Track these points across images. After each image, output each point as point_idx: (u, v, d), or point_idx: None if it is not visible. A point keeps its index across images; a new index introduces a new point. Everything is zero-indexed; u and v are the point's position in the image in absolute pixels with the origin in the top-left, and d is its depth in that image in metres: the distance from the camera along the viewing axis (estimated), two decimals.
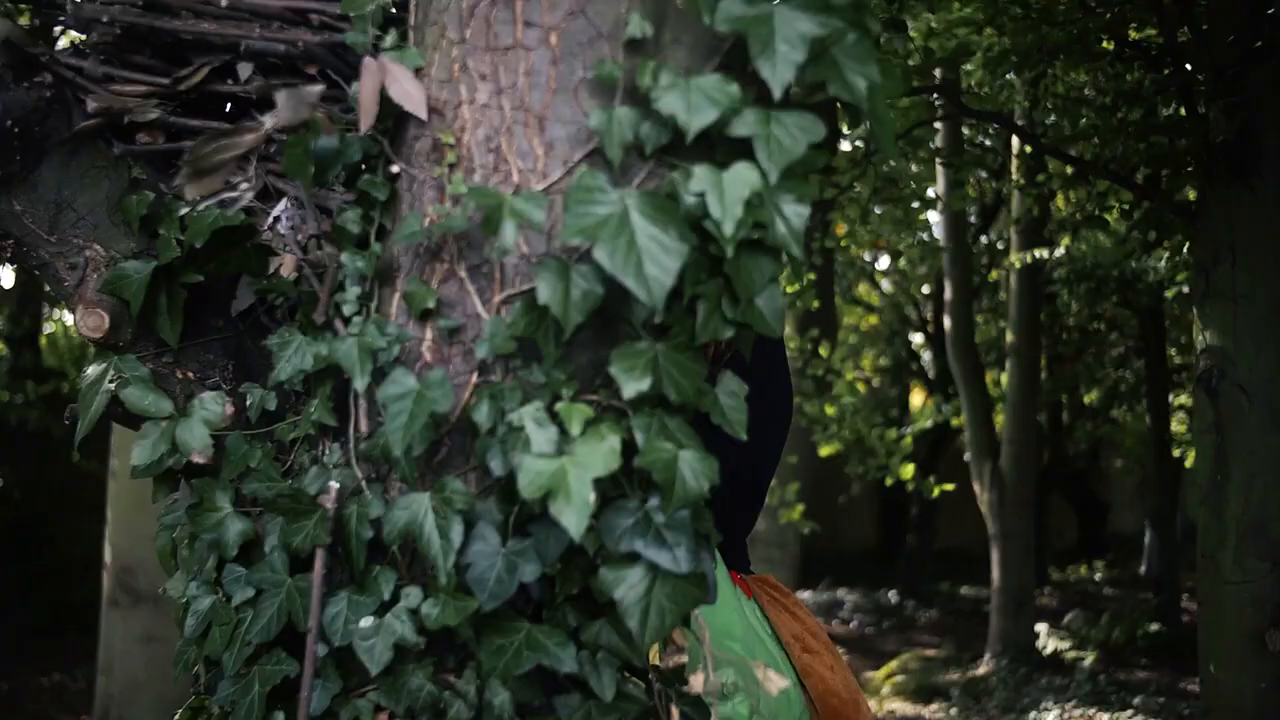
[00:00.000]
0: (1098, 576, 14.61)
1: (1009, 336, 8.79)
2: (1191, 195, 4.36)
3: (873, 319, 13.76)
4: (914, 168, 7.09)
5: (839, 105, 1.54)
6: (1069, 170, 4.82)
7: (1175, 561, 9.87)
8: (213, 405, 1.47)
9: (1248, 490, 3.84)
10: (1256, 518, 3.82)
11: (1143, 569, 13.06)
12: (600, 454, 1.27)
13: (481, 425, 1.32)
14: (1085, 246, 8.46)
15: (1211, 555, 3.95)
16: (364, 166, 1.42)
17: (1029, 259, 7.85)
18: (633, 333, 1.36)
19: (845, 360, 10.20)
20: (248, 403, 1.53)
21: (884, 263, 12.71)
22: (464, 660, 1.37)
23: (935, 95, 4.33)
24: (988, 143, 8.66)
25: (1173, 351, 10.71)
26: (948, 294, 8.86)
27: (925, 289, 12.16)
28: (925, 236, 10.33)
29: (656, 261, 1.23)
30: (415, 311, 1.37)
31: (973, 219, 10.92)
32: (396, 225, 1.39)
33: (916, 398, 15.07)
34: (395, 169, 1.40)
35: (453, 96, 1.36)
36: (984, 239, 10.96)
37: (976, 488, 8.75)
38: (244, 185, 1.43)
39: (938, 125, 7.30)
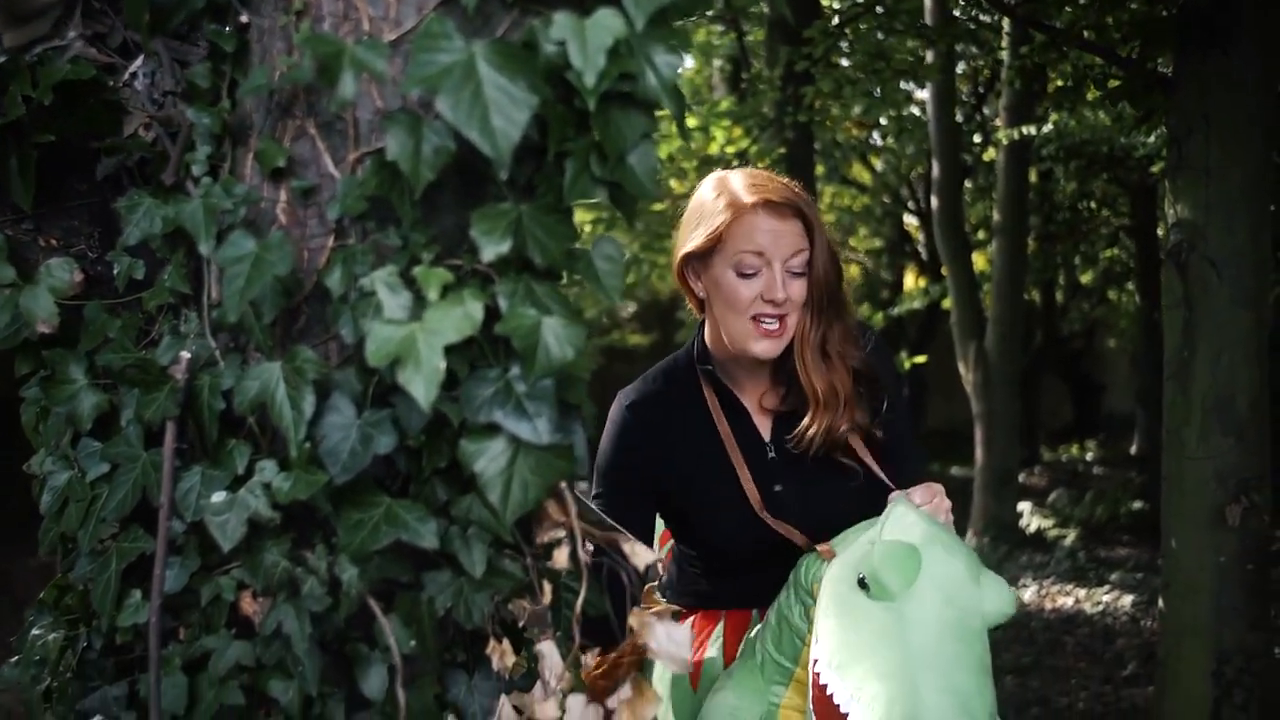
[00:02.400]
0: (1089, 456, 14.64)
1: (995, 215, 8.67)
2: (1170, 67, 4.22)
3: (866, 200, 13.58)
4: (908, 43, 6.90)
5: None
6: (1037, 39, 4.67)
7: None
8: (60, 273, 1.40)
9: (1214, 365, 3.78)
10: (1223, 393, 3.77)
11: (1134, 449, 13.08)
12: (453, 320, 1.20)
13: (334, 291, 1.26)
14: (1075, 123, 8.29)
15: (1177, 431, 3.90)
16: (214, 16, 1.33)
17: (1016, 135, 7.69)
18: (499, 193, 1.28)
19: None
20: (115, 270, 1.46)
21: (877, 140, 12.53)
22: (328, 536, 1.32)
23: None
24: (982, 17, 8.44)
25: (1163, 229, 10.56)
26: (935, 172, 8.71)
27: (921, 169, 11.98)
28: (916, 112, 10.13)
29: (503, 113, 1.15)
30: (266, 171, 1.29)
31: (966, 97, 10.72)
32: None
33: (910, 279, 14.97)
34: (245, 18, 1.31)
35: None
36: (978, 117, 10.76)
37: (961, 368, 8.70)
38: (71, 33, 1.34)
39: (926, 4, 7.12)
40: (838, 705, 1.71)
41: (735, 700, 1.98)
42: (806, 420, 2.08)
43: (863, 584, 1.76)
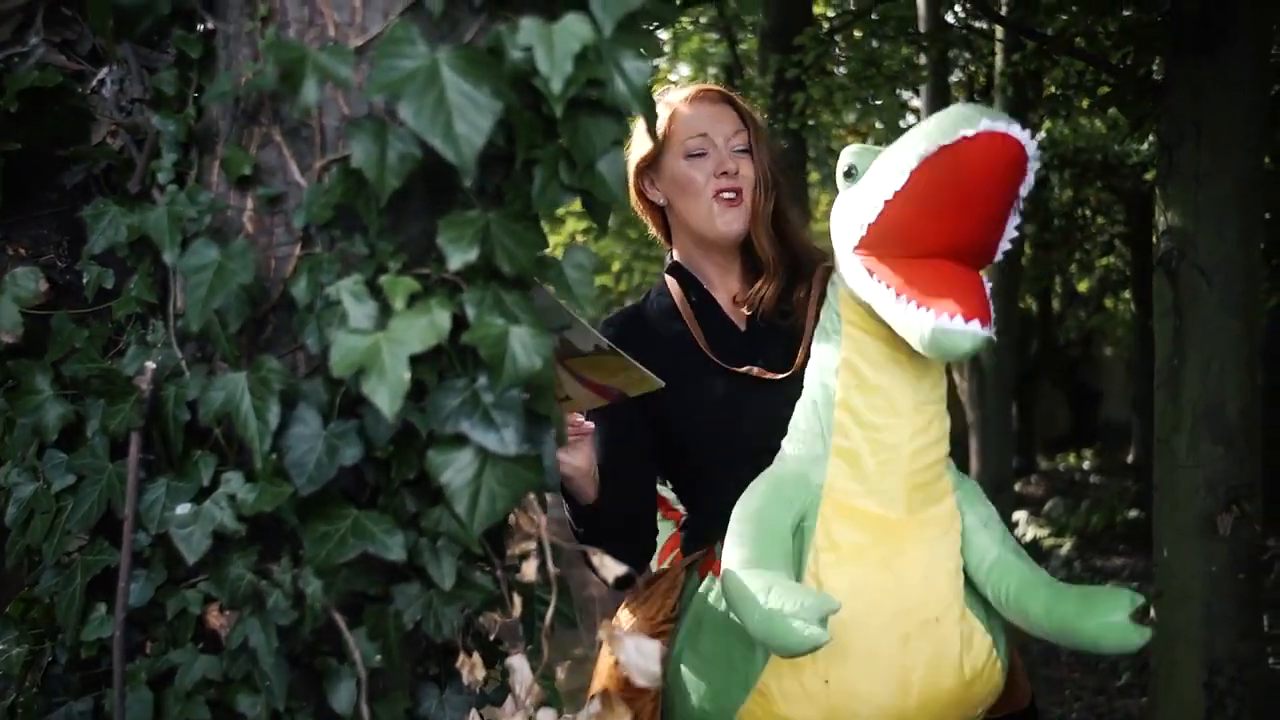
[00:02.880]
0: (1086, 465, 14.63)
1: None
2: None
3: None
4: (902, 50, 6.89)
5: None
6: (1029, 46, 4.67)
7: None
8: (25, 282, 1.38)
9: (1204, 374, 3.76)
10: (1213, 401, 3.75)
11: (1130, 457, 13.06)
12: (418, 329, 1.19)
13: (300, 300, 1.24)
14: (1068, 130, 8.28)
15: (1167, 440, 3.88)
16: (181, 22, 1.31)
17: None
18: (467, 201, 1.27)
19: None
20: (84, 280, 1.44)
21: None
22: (295, 549, 1.31)
23: None
24: (976, 24, 8.44)
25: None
26: None
27: None
28: (912, 120, 10.13)
29: (467, 119, 1.14)
30: (232, 178, 1.28)
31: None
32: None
33: None
34: (210, 24, 1.29)
35: None
36: None
37: (956, 376, 8.69)
38: (34, 39, 1.33)
39: (920, 5, 7.12)
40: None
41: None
42: (760, 282, 2.21)
43: (849, 173, 1.89)
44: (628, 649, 1.27)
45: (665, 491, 2.42)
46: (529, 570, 1.29)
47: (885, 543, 1.85)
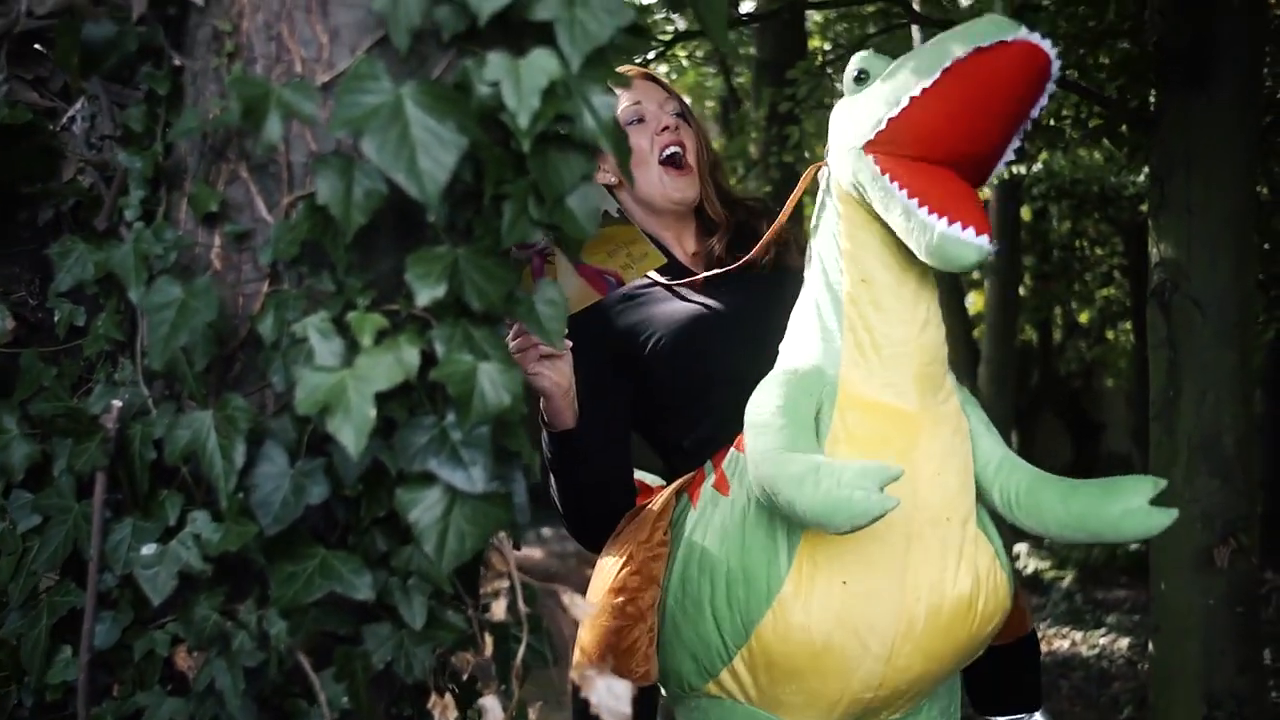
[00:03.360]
0: None
1: None
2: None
3: None
4: None
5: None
6: None
7: None
8: None
9: (1199, 406, 3.74)
10: (1208, 434, 3.73)
11: None
12: (384, 366, 1.17)
13: (266, 337, 1.23)
14: (1065, 162, 8.29)
15: (1163, 472, 3.86)
16: (148, 58, 1.31)
17: (1006, 175, 7.68)
18: (437, 237, 1.26)
19: None
20: (56, 318, 1.43)
21: None
22: (264, 589, 1.29)
23: (885, 3, 4.17)
24: None
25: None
26: None
27: None
28: None
29: (431, 155, 1.13)
30: (199, 215, 1.27)
31: None
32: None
33: None
34: (178, 61, 1.29)
35: None
36: None
37: None
38: (2, 76, 1.32)
39: (915, 38, 7.13)
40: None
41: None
42: (714, 238, 2.32)
43: (859, 77, 1.86)
44: (599, 690, 1.25)
45: (643, 475, 2.42)
46: (499, 609, 1.27)
47: (901, 435, 1.82)
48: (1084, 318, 13.94)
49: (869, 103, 1.79)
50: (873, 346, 1.84)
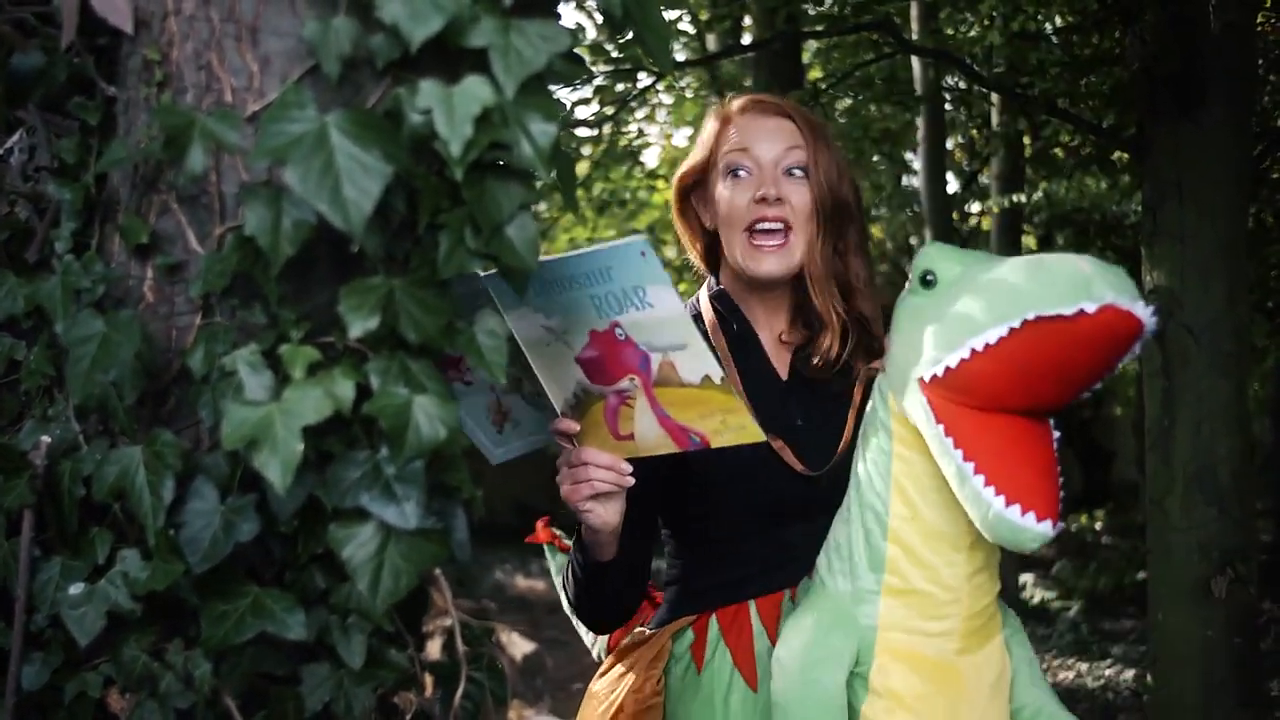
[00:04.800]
0: (1098, 525, 14.47)
1: None
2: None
3: None
4: (884, 109, 6.87)
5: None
6: (1000, 105, 4.62)
7: None
8: None
9: (1195, 435, 3.71)
10: (1204, 463, 3.70)
11: (1141, 518, 12.91)
12: (312, 400, 1.15)
13: (196, 371, 1.20)
14: (1065, 190, 8.26)
15: (1160, 502, 3.83)
16: (81, 88, 1.29)
17: (1006, 204, 7.66)
18: (374, 268, 1.23)
19: None
20: None
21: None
22: (197, 628, 1.26)
23: (875, 32, 4.16)
24: (973, 87, 8.44)
25: None
26: (929, 240, 8.67)
27: (914, 239, 11.96)
28: (915, 182, 10.12)
29: (356, 184, 1.10)
30: (130, 247, 1.25)
31: (967, 166, 10.70)
32: None
33: None
34: (111, 91, 1.27)
35: (159, 7, 1.23)
36: (974, 185, 10.75)
37: None
38: None
39: (915, 68, 7.13)
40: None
41: (819, 632, 1.70)
42: (818, 341, 1.92)
43: (927, 280, 1.61)
44: None
45: None
46: (434, 649, 1.24)
47: (945, 691, 1.68)
48: None
49: (934, 331, 1.57)
50: (921, 595, 1.66)
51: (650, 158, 10.56)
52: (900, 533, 1.66)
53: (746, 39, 5.39)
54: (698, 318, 2.01)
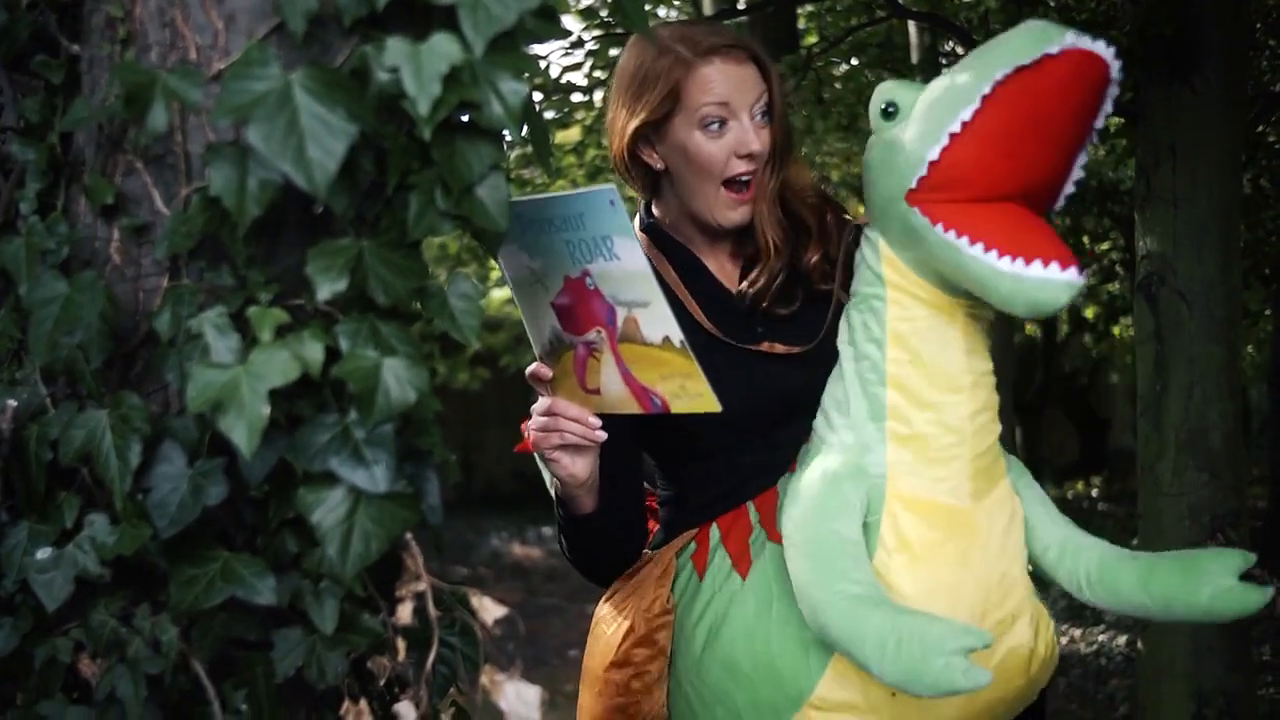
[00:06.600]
0: (1095, 492, 14.50)
1: None
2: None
3: None
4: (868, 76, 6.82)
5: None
6: None
7: None
8: None
9: (1186, 400, 3.69)
10: (1195, 428, 3.68)
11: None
12: (279, 363, 1.13)
13: (163, 334, 1.19)
14: None
15: (1150, 467, 3.82)
16: (45, 47, 1.27)
17: None
18: (345, 230, 1.22)
19: None
20: None
21: None
22: (166, 593, 1.25)
23: None
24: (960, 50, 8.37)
25: None
26: None
27: None
28: None
29: (320, 143, 1.08)
30: (96, 208, 1.23)
31: None
32: None
33: None
34: (76, 49, 1.25)
35: None
36: None
37: None
38: None
39: (912, 33, 7.08)
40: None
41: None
42: (756, 270, 1.93)
43: (887, 111, 1.63)
44: (508, 696, 1.21)
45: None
46: (405, 613, 1.23)
47: (958, 536, 1.67)
48: (1089, 313, 13.88)
49: (906, 143, 1.59)
50: (926, 439, 1.67)
51: None
52: (900, 377, 1.67)
53: (741, 3, 5.33)
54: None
